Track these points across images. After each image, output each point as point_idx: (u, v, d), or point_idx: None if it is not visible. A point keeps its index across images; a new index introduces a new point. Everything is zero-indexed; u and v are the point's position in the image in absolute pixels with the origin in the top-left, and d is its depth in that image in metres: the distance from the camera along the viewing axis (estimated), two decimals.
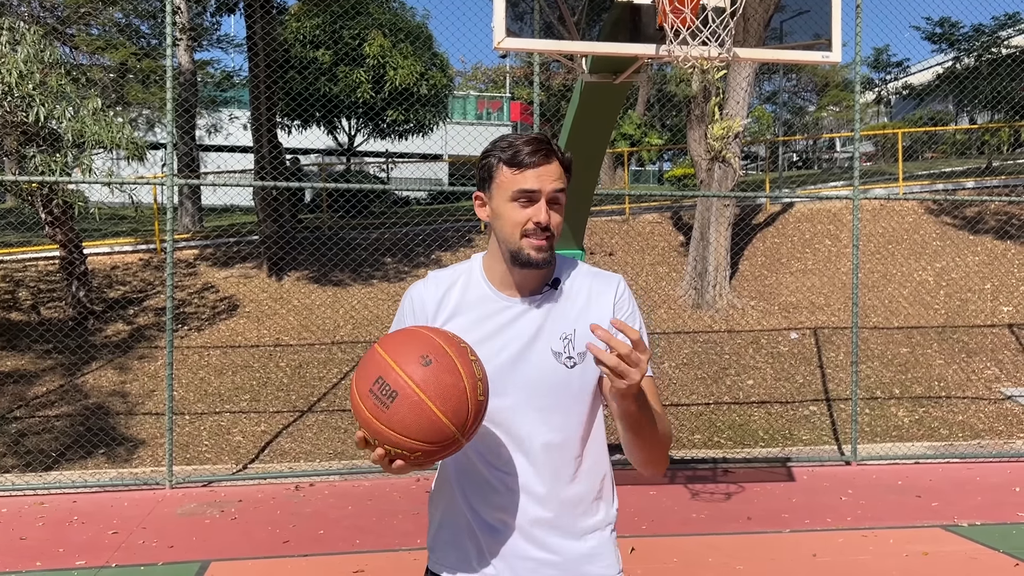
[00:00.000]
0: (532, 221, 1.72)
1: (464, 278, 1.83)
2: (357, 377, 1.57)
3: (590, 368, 1.77)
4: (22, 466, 7.13)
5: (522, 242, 1.73)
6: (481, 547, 1.77)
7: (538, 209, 1.73)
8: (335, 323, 10.81)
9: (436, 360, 1.52)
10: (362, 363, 1.58)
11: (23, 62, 7.45)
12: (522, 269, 1.77)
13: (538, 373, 1.74)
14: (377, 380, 1.53)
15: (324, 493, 6.47)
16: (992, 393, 9.06)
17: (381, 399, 1.51)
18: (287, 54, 17.61)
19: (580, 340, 1.76)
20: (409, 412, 1.50)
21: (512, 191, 1.73)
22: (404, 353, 1.54)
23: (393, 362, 1.53)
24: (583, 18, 4.49)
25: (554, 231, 1.75)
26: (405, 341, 1.58)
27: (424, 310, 1.80)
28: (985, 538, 5.20)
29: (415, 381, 1.50)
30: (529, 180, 1.72)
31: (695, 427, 8.32)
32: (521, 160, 1.72)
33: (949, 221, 13.57)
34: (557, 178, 1.74)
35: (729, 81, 10.88)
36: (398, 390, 1.50)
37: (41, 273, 12.22)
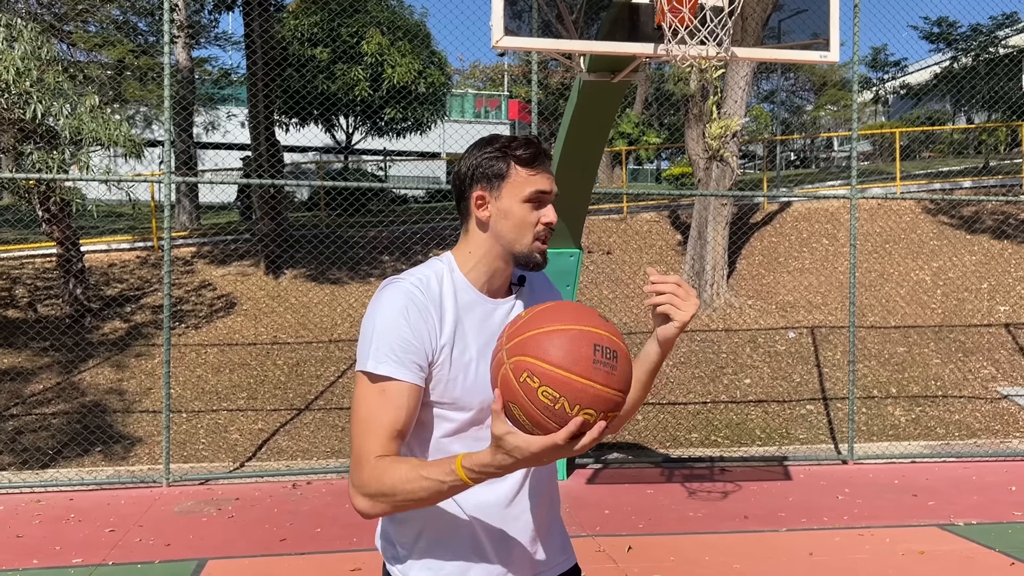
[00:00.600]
0: (543, 222, 1.73)
1: (449, 283, 1.73)
2: (564, 361, 1.40)
3: None
4: (19, 464, 7.12)
5: (534, 244, 1.73)
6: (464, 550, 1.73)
7: (548, 210, 1.75)
8: (332, 321, 10.81)
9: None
10: (550, 347, 1.41)
11: (20, 59, 7.43)
12: (524, 270, 1.79)
13: None
14: (596, 348, 1.42)
15: (321, 491, 6.47)
16: (989, 392, 9.08)
17: (608, 363, 1.42)
18: (285, 51, 17.59)
19: None
20: (625, 365, 1.46)
21: (528, 191, 1.71)
22: (584, 318, 1.47)
23: (592, 327, 1.45)
24: (581, 17, 4.49)
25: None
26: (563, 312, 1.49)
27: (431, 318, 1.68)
28: (981, 537, 5.21)
29: (614, 333, 1.49)
30: (544, 181, 1.74)
31: (692, 426, 8.33)
32: (535, 160, 1.73)
33: (946, 220, 13.59)
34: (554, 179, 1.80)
35: (727, 80, 10.89)
36: (615, 349, 1.45)
37: (38, 270, 12.20)
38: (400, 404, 1.61)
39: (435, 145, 27.59)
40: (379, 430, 1.60)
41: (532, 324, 1.46)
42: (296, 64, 18.36)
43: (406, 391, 1.62)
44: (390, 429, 1.61)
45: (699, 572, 4.70)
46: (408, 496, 1.54)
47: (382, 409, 1.61)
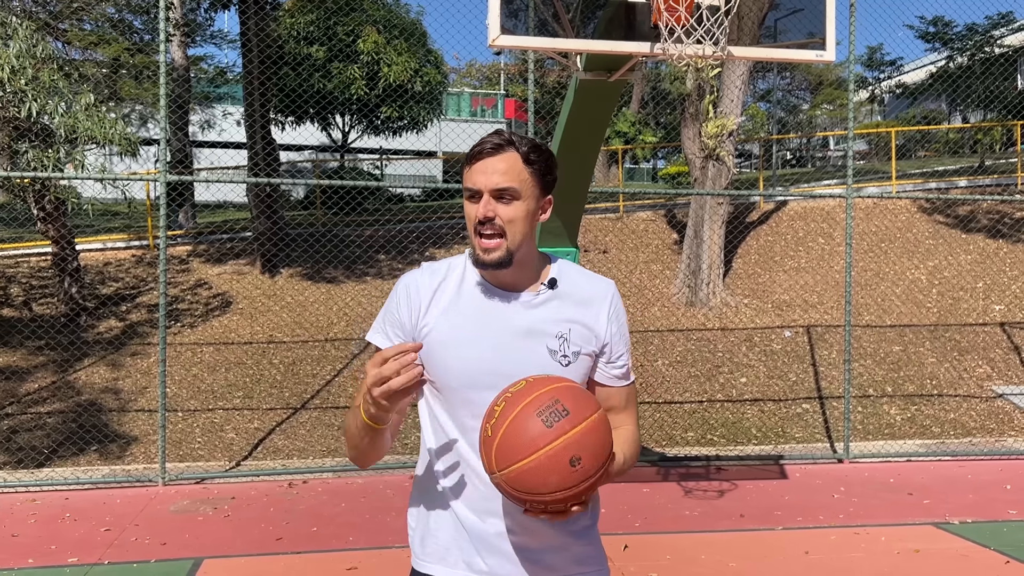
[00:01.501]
0: (475, 216, 1.72)
1: (460, 270, 1.82)
2: (556, 487, 1.54)
3: (583, 367, 1.79)
4: (14, 463, 7.10)
5: (475, 240, 1.74)
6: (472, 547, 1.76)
7: (480, 205, 1.71)
8: (328, 320, 10.80)
9: (582, 465, 1.55)
10: (539, 482, 1.54)
11: (15, 57, 7.41)
12: (479, 268, 1.76)
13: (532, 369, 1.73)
14: (572, 460, 1.54)
15: (317, 490, 6.47)
16: (984, 391, 9.10)
17: (577, 462, 1.55)
18: (281, 50, 17.55)
19: (575, 339, 1.77)
20: (592, 442, 1.56)
21: (464, 189, 1.76)
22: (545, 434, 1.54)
23: (559, 438, 1.53)
24: (578, 16, 4.49)
25: (506, 227, 1.71)
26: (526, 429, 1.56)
27: (419, 297, 1.79)
28: (976, 535, 5.22)
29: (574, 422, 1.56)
30: (472, 176, 1.72)
31: (688, 425, 8.34)
32: (471, 155, 1.73)
33: (942, 220, 13.62)
34: (503, 172, 1.70)
35: (723, 79, 10.89)
36: (579, 443, 1.55)
37: (33, 269, 12.17)
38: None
39: (431, 144, 27.55)
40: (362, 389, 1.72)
41: (507, 450, 1.54)
42: (292, 62, 18.33)
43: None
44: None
45: (695, 571, 4.70)
46: (348, 429, 1.76)
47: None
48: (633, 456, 1.82)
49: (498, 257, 1.71)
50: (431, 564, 1.79)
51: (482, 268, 1.74)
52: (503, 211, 1.71)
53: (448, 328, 1.76)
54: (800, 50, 4.31)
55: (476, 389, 1.72)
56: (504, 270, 1.74)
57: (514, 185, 1.71)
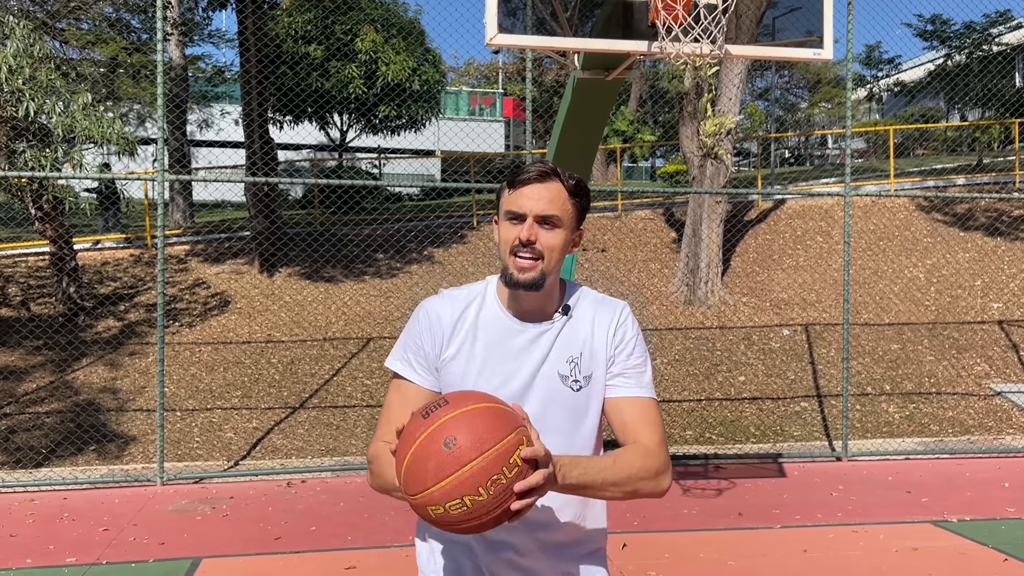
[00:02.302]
0: (517, 237, 1.74)
1: (479, 300, 1.84)
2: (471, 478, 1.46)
3: (595, 391, 1.81)
4: (12, 463, 7.10)
5: (509, 260, 1.76)
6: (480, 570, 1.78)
7: (523, 227, 1.74)
8: (327, 319, 10.79)
9: (457, 446, 1.46)
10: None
11: (12, 56, 7.40)
12: (512, 290, 1.78)
13: (545, 395, 1.77)
14: (446, 441, 1.47)
15: (316, 490, 6.47)
16: (982, 389, 9.11)
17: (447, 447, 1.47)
18: (279, 49, 17.55)
19: (586, 364, 1.80)
20: (467, 438, 1.47)
21: (505, 210, 1.78)
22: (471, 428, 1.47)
23: (460, 421, 1.48)
24: (575, 14, 4.49)
25: (544, 252, 1.74)
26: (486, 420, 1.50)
27: (441, 327, 1.81)
28: (974, 533, 5.23)
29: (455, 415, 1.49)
30: (518, 200, 1.76)
31: (687, 423, 8.34)
32: (516, 179, 1.77)
33: (940, 218, 13.63)
34: (549, 200, 1.74)
35: (721, 78, 10.89)
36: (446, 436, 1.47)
37: (31, 269, 12.16)
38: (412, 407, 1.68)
39: (429, 143, 27.54)
40: (388, 422, 1.80)
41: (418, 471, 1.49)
42: (290, 62, 18.31)
43: (418, 395, 1.79)
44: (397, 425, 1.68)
45: (693, 569, 4.70)
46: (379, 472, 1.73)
47: (395, 405, 1.82)
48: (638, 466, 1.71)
49: (532, 278, 1.74)
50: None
51: (514, 288, 1.77)
52: (544, 237, 1.75)
53: (467, 359, 1.79)
54: (798, 48, 4.31)
55: None
56: (532, 294, 1.77)
57: (558, 214, 1.75)
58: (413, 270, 12.22)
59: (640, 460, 1.72)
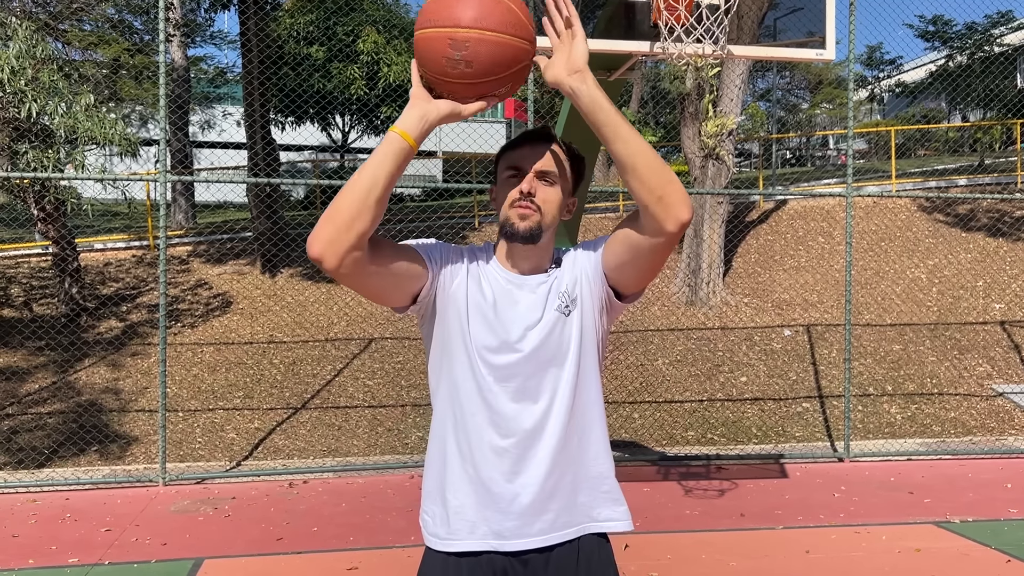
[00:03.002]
0: (518, 189, 1.82)
1: (485, 255, 1.94)
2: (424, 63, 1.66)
3: (586, 316, 1.87)
4: (14, 463, 7.10)
5: (509, 212, 1.82)
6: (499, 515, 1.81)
7: (524, 180, 1.82)
8: (329, 320, 10.80)
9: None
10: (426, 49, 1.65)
11: (15, 58, 7.42)
12: (510, 243, 1.86)
13: (546, 330, 1.84)
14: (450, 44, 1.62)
15: (318, 490, 6.47)
16: (984, 390, 9.10)
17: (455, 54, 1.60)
18: (281, 50, 17.56)
19: (573, 293, 1.88)
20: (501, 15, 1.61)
21: (505, 166, 1.87)
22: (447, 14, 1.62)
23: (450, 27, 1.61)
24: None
25: (542, 206, 1.82)
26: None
27: (465, 262, 1.89)
28: (977, 534, 5.22)
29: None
30: (517, 156, 1.85)
31: (688, 424, 8.34)
32: (516, 141, 1.87)
33: (942, 218, 13.62)
34: (549, 158, 1.84)
35: (723, 78, 10.89)
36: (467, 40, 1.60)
37: (34, 270, 12.17)
38: (400, 255, 1.81)
39: (431, 144, 27.54)
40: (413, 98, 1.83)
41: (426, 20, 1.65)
42: (292, 63, 18.33)
43: (410, 255, 1.83)
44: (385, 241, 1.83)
45: (695, 570, 4.70)
46: (353, 183, 1.71)
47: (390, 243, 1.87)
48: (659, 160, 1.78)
49: (530, 227, 1.82)
50: (459, 541, 1.83)
51: (513, 239, 1.84)
52: (543, 190, 1.83)
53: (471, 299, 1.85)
54: (800, 49, 4.31)
55: (489, 351, 1.82)
56: (530, 249, 1.85)
57: (555, 170, 1.84)
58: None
59: (661, 163, 1.78)
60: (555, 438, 1.81)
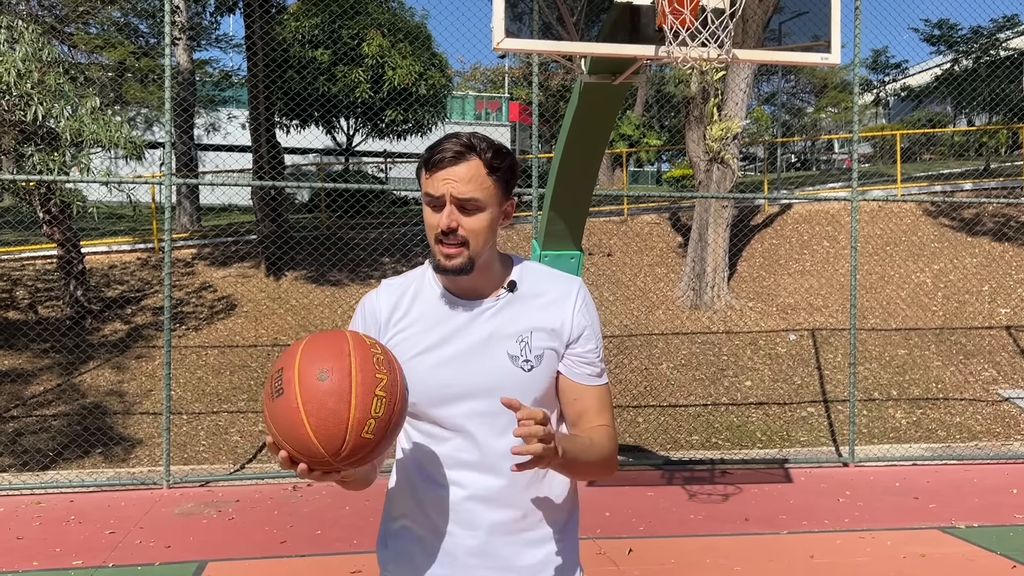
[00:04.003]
0: (439, 226, 1.67)
1: (417, 283, 1.80)
2: (281, 356, 1.55)
3: (547, 370, 1.74)
4: (19, 465, 7.11)
5: (435, 247, 1.70)
6: (435, 556, 1.75)
7: (443, 215, 1.66)
8: (333, 323, 10.80)
9: (332, 379, 1.45)
10: (291, 346, 1.54)
11: (21, 60, 7.44)
12: (439, 274, 1.74)
13: (495, 377, 1.70)
14: (279, 370, 1.50)
15: (321, 493, 6.47)
16: (990, 395, 9.07)
17: (273, 388, 1.49)
18: (286, 53, 17.59)
19: (536, 343, 1.72)
20: (284, 415, 1.45)
21: (423, 195, 1.70)
22: (314, 357, 1.48)
23: (299, 360, 1.48)
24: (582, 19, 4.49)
25: (468, 237, 1.66)
26: (324, 346, 1.51)
27: (376, 319, 1.78)
28: (983, 540, 5.20)
29: (300, 390, 1.45)
30: (434, 184, 1.66)
31: (693, 428, 8.32)
32: (430, 161, 1.67)
33: (947, 223, 13.59)
34: (467, 182, 1.64)
35: (728, 82, 10.88)
36: (284, 388, 1.47)
37: (39, 272, 12.20)
38: None
39: None
40: None
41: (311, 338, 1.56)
42: (297, 66, 18.35)
43: None
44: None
45: (700, 574, 4.69)
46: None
47: None
48: (608, 450, 1.73)
49: (459, 264, 1.68)
50: (394, 568, 1.81)
51: (443, 274, 1.72)
52: (466, 222, 1.66)
53: (408, 347, 1.74)
54: (805, 53, 4.30)
55: (439, 404, 1.72)
56: (465, 276, 1.71)
57: (478, 196, 1.65)
58: None
59: (609, 445, 1.75)
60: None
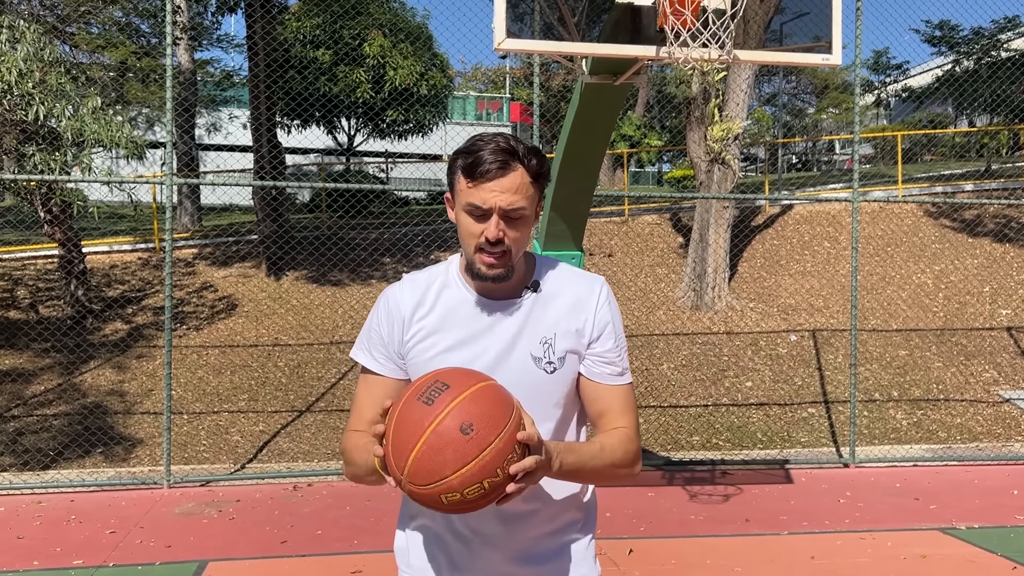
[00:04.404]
0: (484, 236, 1.64)
1: (441, 279, 1.79)
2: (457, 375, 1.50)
3: (570, 373, 1.74)
4: (20, 465, 7.12)
5: (475, 256, 1.67)
6: (453, 558, 1.75)
7: (489, 224, 1.64)
8: (334, 323, 10.81)
9: (469, 439, 1.41)
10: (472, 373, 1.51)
11: (23, 60, 7.44)
12: (477, 281, 1.72)
13: (517, 379, 1.69)
14: (446, 385, 1.45)
15: (322, 493, 6.47)
16: (990, 396, 9.06)
17: (426, 392, 1.45)
18: (287, 54, 17.61)
19: (560, 344, 1.73)
20: (412, 421, 1.44)
21: (464, 203, 1.66)
22: (477, 409, 1.44)
23: (464, 397, 1.44)
24: (583, 19, 4.49)
25: (511, 246, 1.66)
26: (494, 407, 1.45)
27: (400, 313, 1.77)
28: (983, 541, 5.20)
29: (439, 421, 1.42)
30: (480, 195, 1.63)
31: (693, 429, 8.32)
32: (475, 171, 1.63)
33: (948, 224, 13.58)
34: (516, 190, 1.63)
35: (729, 83, 10.88)
36: (434, 404, 1.43)
37: (40, 271, 12.21)
38: (378, 398, 1.73)
39: (437, 147, 27.57)
40: (360, 415, 1.79)
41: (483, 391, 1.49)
42: (298, 66, 18.37)
43: (381, 384, 1.78)
44: (368, 417, 1.75)
45: (700, 575, 4.69)
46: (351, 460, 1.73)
47: (365, 399, 1.80)
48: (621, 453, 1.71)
49: (500, 273, 1.67)
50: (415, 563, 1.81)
51: (481, 281, 1.70)
52: (511, 232, 1.65)
53: (430, 343, 1.74)
54: (806, 54, 4.30)
55: None
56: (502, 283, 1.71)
57: (524, 205, 1.65)
58: None
59: (622, 447, 1.71)
60: None
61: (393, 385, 1.77)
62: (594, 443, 1.70)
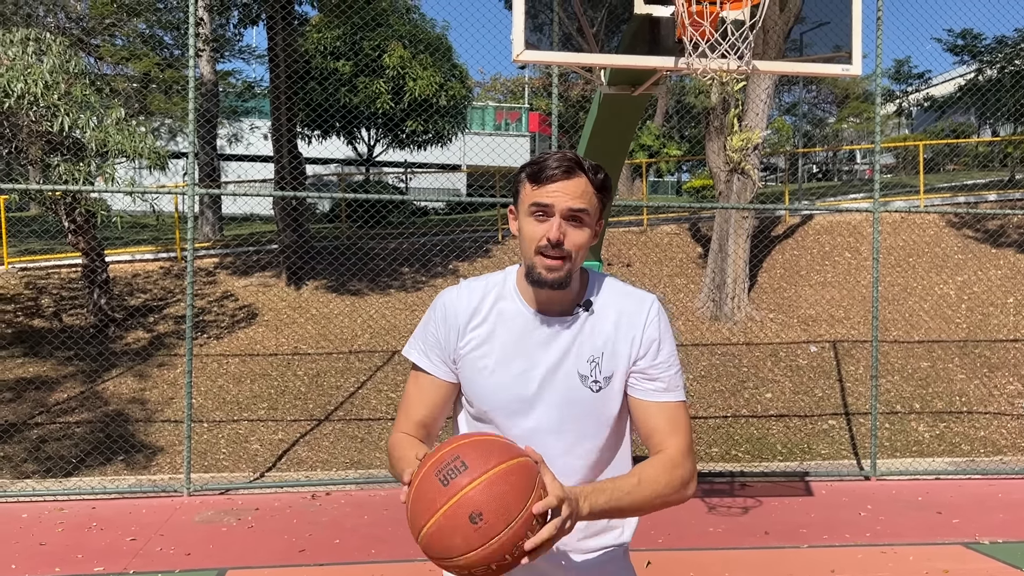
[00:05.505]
0: (545, 236, 1.67)
1: (498, 290, 1.80)
2: (475, 449, 1.50)
3: (616, 392, 1.75)
4: (42, 472, 7.19)
5: (535, 259, 1.69)
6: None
7: (551, 225, 1.67)
8: (353, 332, 10.85)
9: (478, 528, 1.42)
10: (493, 450, 1.50)
11: (48, 72, 7.56)
12: (535, 288, 1.73)
13: (563, 396, 1.71)
14: (463, 462, 1.46)
15: (340, 502, 6.48)
16: (1014, 408, 8.95)
17: (444, 470, 1.46)
18: (308, 65, 17.75)
19: (607, 363, 1.74)
20: (426, 499, 1.46)
21: (528, 204, 1.70)
22: (491, 496, 1.43)
23: (481, 481, 1.44)
24: (602, 30, 4.50)
25: (572, 251, 1.68)
26: (511, 492, 1.44)
27: (456, 319, 1.79)
28: (1007, 556, 5.13)
29: (450, 506, 1.43)
30: (544, 194, 1.68)
31: (713, 440, 8.27)
32: (540, 175, 1.68)
33: (971, 234, 13.45)
34: (578, 196, 1.68)
35: (748, 93, 10.85)
36: (449, 486, 1.45)
37: (63, 280, 12.35)
38: (428, 399, 1.80)
39: (456, 157, 27.68)
40: (408, 414, 1.85)
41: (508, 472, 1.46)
42: (319, 77, 18.52)
43: (432, 385, 1.80)
44: (416, 418, 1.82)
45: None
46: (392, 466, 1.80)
47: (415, 398, 1.85)
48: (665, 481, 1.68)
49: (559, 278, 1.69)
50: None
51: (540, 287, 1.71)
52: (572, 235, 1.68)
53: (482, 353, 1.76)
54: (826, 64, 4.29)
55: (507, 415, 1.75)
56: (556, 291, 1.72)
57: (587, 207, 1.69)
58: (438, 284, 12.26)
59: (666, 475, 1.69)
60: None
61: (443, 387, 1.81)
62: (631, 476, 1.68)
